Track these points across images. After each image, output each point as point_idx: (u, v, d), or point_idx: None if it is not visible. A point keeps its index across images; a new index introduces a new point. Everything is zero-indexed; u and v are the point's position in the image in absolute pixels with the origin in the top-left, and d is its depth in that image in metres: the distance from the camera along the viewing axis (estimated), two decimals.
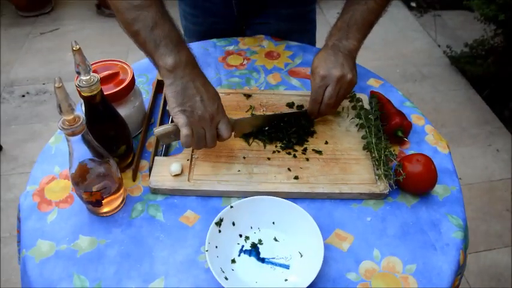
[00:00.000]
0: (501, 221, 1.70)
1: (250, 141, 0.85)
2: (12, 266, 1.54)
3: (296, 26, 1.16)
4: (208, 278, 0.66)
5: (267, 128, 0.86)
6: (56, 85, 0.56)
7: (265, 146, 0.84)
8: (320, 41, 1.25)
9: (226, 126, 0.76)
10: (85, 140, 0.63)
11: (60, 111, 0.58)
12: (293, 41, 1.13)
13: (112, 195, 0.71)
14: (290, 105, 0.92)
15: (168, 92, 0.72)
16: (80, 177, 0.68)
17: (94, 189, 0.68)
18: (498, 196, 1.80)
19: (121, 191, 0.74)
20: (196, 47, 1.08)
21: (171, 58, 0.71)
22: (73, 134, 0.61)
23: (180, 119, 0.72)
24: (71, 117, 0.59)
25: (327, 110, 0.85)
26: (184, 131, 0.72)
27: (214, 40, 1.13)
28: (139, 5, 0.70)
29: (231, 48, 1.11)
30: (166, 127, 0.76)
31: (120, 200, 0.74)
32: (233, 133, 0.81)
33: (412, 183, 0.75)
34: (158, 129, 0.77)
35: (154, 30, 0.70)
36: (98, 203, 0.70)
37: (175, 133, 0.75)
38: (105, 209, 0.72)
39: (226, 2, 1.09)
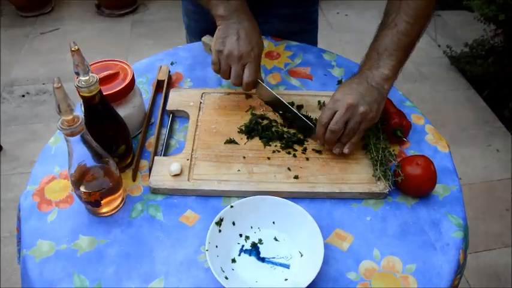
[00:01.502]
0: (501, 221, 1.70)
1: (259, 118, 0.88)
2: (12, 266, 1.54)
3: (298, 26, 1.16)
4: (208, 277, 0.66)
5: (281, 112, 0.89)
6: (55, 85, 0.56)
7: (265, 146, 0.84)
8: (320, 41, 1.26)
9: (251, 70, 0.81)
10: (84, 141, 0.63)
11: (59, 112, 0.58)
12: (295, 41, 1.13)
13: (111, 195, 0.71)
14: (290, 105, 0.92)
15: (216, 31, 0.83)
16: (79, 178, 0.68)
17: (93, 189, 0.68)
18: (498, 196, 1.80)
19: (120, 191, 0.74)
20: (197, 46, 1.08)
21: (222, 7, 0.82)
22: (72, 135, 0.61)
23: (213, 55, 0.83)
24: (70, 117, 0.59)
25: (331, 137, 0.77)
26: (212, 67, 0.85)
27: None
28: None
29: None
30: (211, 44, 0.86)
31: (120, 200, 0.74)
32: (254, 90, 0.89)
33: (411, 185, 0.75)
34: (206, 38, 0.92)
35: None
36: (97, 203, 0.70)
37: None
38: (104, 209, 0.72)
39: None
